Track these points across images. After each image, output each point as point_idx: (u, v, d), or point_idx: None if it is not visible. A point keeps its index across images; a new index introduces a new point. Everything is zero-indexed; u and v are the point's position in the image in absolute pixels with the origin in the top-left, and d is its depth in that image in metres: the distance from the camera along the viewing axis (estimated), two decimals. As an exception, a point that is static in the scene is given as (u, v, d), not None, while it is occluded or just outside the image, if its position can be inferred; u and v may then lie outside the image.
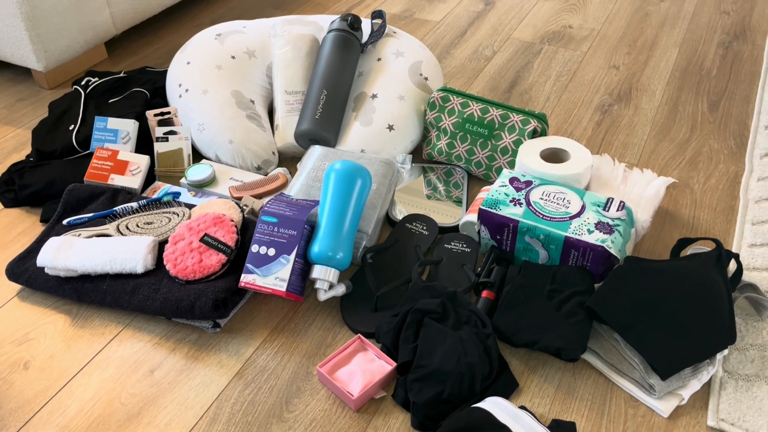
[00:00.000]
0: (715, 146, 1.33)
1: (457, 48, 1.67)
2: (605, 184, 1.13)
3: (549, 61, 1.62)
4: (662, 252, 1.09)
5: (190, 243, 1.00)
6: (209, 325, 0.97)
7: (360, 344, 0.93)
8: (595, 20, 1.79)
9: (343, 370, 0.90)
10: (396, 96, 1.26)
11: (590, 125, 1.40)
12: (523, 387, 0.90)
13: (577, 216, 0.98)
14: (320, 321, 0.99)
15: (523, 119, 1.18)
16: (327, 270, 0.96)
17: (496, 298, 0.98)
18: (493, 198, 1.02)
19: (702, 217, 1.16)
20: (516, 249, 1.02)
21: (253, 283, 0.96)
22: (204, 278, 0.98)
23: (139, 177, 1.18)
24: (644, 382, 0.85)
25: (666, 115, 1.42)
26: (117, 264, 0.99)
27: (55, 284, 1.01)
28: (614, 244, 0.94)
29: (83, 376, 0.93)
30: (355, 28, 1.32)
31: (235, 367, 0.93)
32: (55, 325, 1.00)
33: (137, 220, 1.09)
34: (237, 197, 1.15)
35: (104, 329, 0.99)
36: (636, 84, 1.53)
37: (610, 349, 0.89)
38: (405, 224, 1.11)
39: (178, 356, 0.95)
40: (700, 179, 1.25)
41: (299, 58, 1.31)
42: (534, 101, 1.47)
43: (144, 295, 0.97)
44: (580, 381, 0.90)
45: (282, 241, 0.97)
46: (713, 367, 0.86)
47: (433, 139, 1.25)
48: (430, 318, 0.91)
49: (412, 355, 0.88)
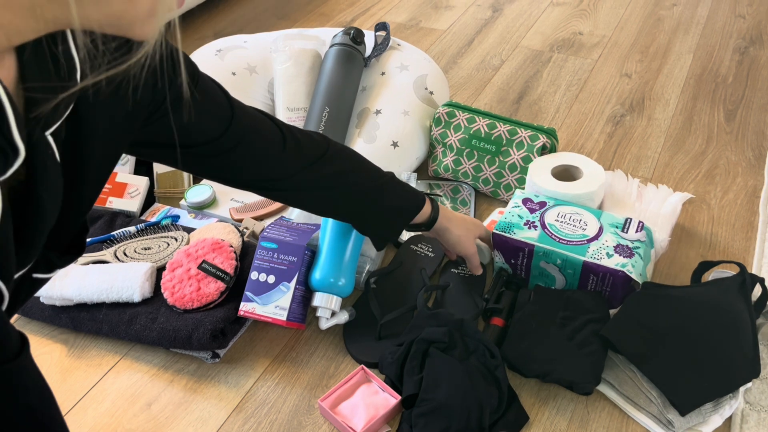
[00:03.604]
0: (732, 158, 1.28)
1: (463, 58, 1.63)
2: (619, 201, 1.09)
3: (559, 69, 1.57)
4: (678, 273, 1.04)
5: (188, 270, 0.97)
6: (208, 355, 0.94)
7: (363, 376, 0.90)
8: (606, 26, 1.75)
9: (346, 404, 0.86)
10: (400, 111, 1.22)
11: (602, 137, 1.35)
12: (533, 420, 0.86)
13: (595, 239, 0.94)
14: (323, 350, 0.96)
15: (531, 135, 1.14)
16: (329, 298, 0.93)
17: (505, 325, 0.94)
18: (506, 221, 0.98)
19: (720, 235, 1.12)
20: (531, 275, 0.98)
21: (253, 311, 0.92)
22: (202, 307, 0.95)
23: (137, 199, 1.16)
24: (662, 417, 0.81)
25: (681, 125, 1.38)
26: (114, 293, 0.96)
27: (51, 313, 0.98)
28: (635, 268, 0.90)
29: (79, 411, 0.90)
30: (357, 42, 1.29)
31: (235, 400, 0.90)
32: (51, 355, 0.97)
33: (135, 245, 1.07)
34: (237, 219, 1.12)
35: (101, 360, 0.96)
36: (649, 93, 1.48)
37: (626, 381, 0.85)
38: (410, 246, 1.07)
39: (177, 388, 0.92)
40: (717, 194, 1.20)
41: (301, 74, 1.27)
42: (543, 113, 1.43)
43: (141, 324, 0.94)
44: (594, 414, 0.86)
45: (282, 267, 0.94)
46: (736, 401, 0.81)
47: (439, 155, 1.21)
48: (436, 348, 0.87)
49: (417, 388, 0.84)
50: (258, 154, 0.78)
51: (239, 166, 0.78)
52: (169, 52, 0.65)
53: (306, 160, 0.82)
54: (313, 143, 0.83)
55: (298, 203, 0.86)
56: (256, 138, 0.77)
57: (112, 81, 0.55)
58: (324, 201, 0.86)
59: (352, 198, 0.86)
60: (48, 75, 0.47)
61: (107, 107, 0.56)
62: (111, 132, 0.58)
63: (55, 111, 0.50)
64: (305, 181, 0.82)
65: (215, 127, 0.73)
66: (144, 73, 0.47)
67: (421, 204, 0.91)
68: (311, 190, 0.84)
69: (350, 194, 0.86)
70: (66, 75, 0.48)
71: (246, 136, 0.76)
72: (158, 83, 0.64)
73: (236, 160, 0.76)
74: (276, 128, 0.80)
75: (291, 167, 0.81)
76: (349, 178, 0.85)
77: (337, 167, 0.84)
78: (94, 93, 0.54)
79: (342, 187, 0.85)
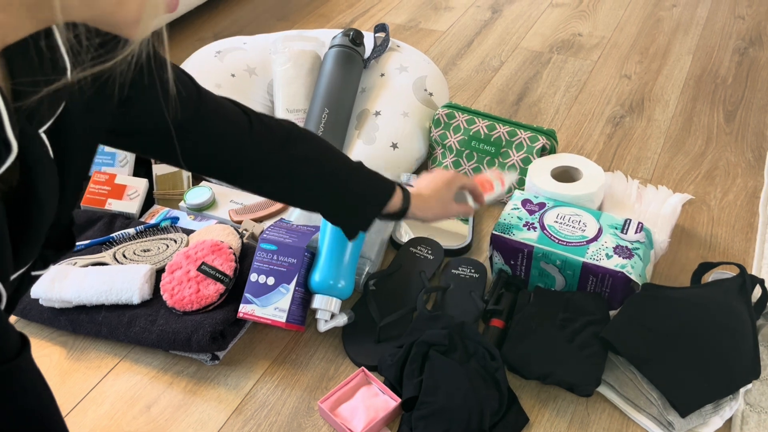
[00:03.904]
0: (732, 159, 1.28)
1: (463, 59, 1.63)
2: (619, 202, 1.09)
3: (558, 71, 1.57)
4: (678, 274, 1.04)
5: (188, 272, 0.96)
6: (208, 357, 0.94)
7: (363, 378, 0.90)
8: (606, 27, 1.75)
9: (346, 406, 0.86)
10: (400, 113, 1.22)
11: (602, 138, 1.35)
12: (533, 422, 0.86)
13: (594, 240, 0.94)
14: (322, 352, 0.96)
15: (531, 136, 1.14)
16: (328, 300, 0.93)
17: (505, 327, 0.94)
18: (505, 222, 0.98)
19: (720, 236, 1.11)
20: (531, 275, 0.98)
21: (252, 313, 0.92)
22: (201, 309, 0.95)
23: (137, 201, 1.16)
24: (662, 419, 0.81)
25: (680, 126, 1.37)
26: (113, 295, 0.96)
27: (50, 316, 0.98)
28: (634, 269, 0.90)
29: (78, 413, 0.90)
30: (357, 44, 1.28)
31: (234, 403, 0.90)
32: (50, 358, 0.97)
33: (134, 247, 1.06)
34: (237, 221, 1.12)
35: (100, 362, 0.96)
36: (649, 94, 1.48)
37: (627, 383, 0.85)
38: (409, 248, 1.07)
39: (176, 391, 0.92)
40: (717, 195, 1.20)
41: (300, 76, 1.27)
42: (543, 114, 1.43)
43: (140, 327, 0.94)
44: (594, 416, 0.86)
45: (281, 269, 0.93)
46: (736, 402, 0.81)
47: (439, 156, 1.21)
48: (436, 350, 0.87)
49: (417, 391, 0.84)
50: (224, 138, 0.77)
51: (205, 151, 0.77)
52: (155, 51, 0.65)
53: (273, 144, 0.81)
54: (279, 127, 0.83)
55: (264, 190, 0.85)
56: (222, 122, 0.77)
57: (98, 78, 0.55)
58: (291, 186, 0.84)
59: (321, 184, 0.84)
60: (35, 71, 0.47)
61: (90, 101, 0.56)
62: (91, 123, 0.58)
63: (48, 108, 0.50)
64: (273, 166, 0.81)
65: (181, 111, 0.72)
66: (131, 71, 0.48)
67: (391, 192, 0.88)
68: (279, 175, 0.82)
69: (319, 180, 0.84)
70: (51, 70, 0.48)
71: (212, 120, 0.76)
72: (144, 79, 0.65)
73: (201, 143, 0.76)
74: (241, 112, 0.80)
75: (258, 151, 0.80)
76: (318, 163, 0.84)
77: (305, 151, 0.83)
78: (80, 90, 0.54)
79: (310, 172, 0.83)
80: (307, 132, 0.86)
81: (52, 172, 0.51)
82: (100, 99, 0.58)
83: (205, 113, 0.75)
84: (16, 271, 0.52)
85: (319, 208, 0.88)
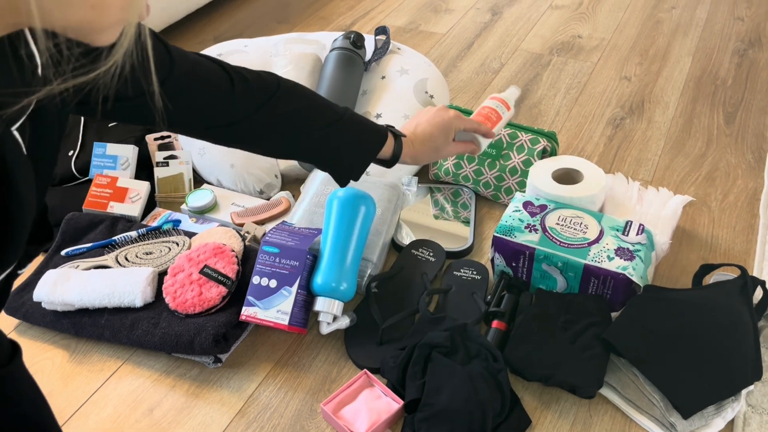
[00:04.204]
0: (732, 161, 1.28)
1: (463, 61, 1.64)
2: (620, 204, 1.09)
3: (558, 73, 1.58)
4: (679, 275, 1.05)
5: (190, 275, 0.97)
6: (210, 360, 0.94)
7: (366, 380, 0.90)
8: (605, 29, 1.75)
9: (348, 408, 0.86)
10: (401, 115, 1.22)
11: (602, 140, 1.35)
12: (536, 424, 0.86)
13: (595, 242, 0.94)
14: (325, 354, 0.96)
15: (532, 138, 1.14)
16: (331, 302, 0.93)
17: (507, 329, 0.94)
18: (507, 224, 0.99)
19: (721, 237, 1.12)
20: (533, 277, 0.99)
21: (255, 316, 0.92)
22: (204, 312, 0.95)
23: (139, 204, 1.16)
24: (665, 420, 0.81)
25: (680, 128, 1.38)
26: (115, 298, 0.96)
27: (52, 319, 0.98)
28: (636, 271, 0.90)
29: (81, 417, 0.90)
30: (358, 46, 1.29)
31: (237, 405, 0.90)
32: (53, 361, 0.97)
33: (137, 250, 1.07)
34: (239, 224, 1.12)
35: (103, 365, 0.96)
36: (649, 96, 1.48)
37: (629, 384, 0.85)
38: (411, 250, 1.07)
39: (179, 393, 0.92)
40: (718, 196, 1.20)
41: (301, 78, 1.27)
42: (543, 116, 1.43)
43: (143, 330, 0.94)
44: (597, 417, 0.86)
45: (284, 272, 0.94)
46: (738, 403, 0.81)
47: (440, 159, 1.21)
48: (438, 352, 0.87)
49: (419, 393, 0.84)
50: (206, 99, 0.76)
51: (187, 114, 0.76)
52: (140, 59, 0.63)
53: (258, 101, 0.80)
54: (262, 83, 0.81)
55: (255, 147, 0.84)
56: (201, 83, 0.76)
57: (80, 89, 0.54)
58: (282, 141, 0.84)
59: (310, 136, 0.84)
60: (10, 77, 0.46)
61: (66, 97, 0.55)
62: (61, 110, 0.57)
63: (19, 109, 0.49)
64: (260, 123, 0.80)
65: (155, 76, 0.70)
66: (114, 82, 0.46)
67: (383, 139, 0.88)
68: (267, 131, 0.82)
69: (308, 132, 0.83)
70: (30, 79, 0.47)
71: (190, 82, 0.74)
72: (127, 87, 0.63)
73: (183, 107, 0.74)
74: (222, 71, 0.78)
75: (242, 110, 0.79)
76: (305, 115, 0.83)
77: (291, 105, 0.82)
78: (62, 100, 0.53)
79: (298, 126, 0.82)
80: (292, 84, 0.84)
81: (28, 168, 0.51)
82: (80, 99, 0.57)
83: (179, 74, 0.73)
84: (2, 272, 0.52)
85: (310, 159, 0.88)
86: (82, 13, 0.40)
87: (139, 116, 0.74)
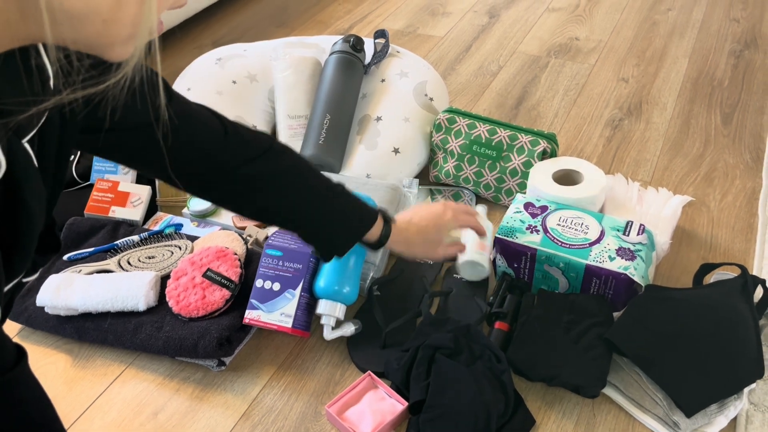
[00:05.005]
0: (730, 161, 1.29)
1: (462, 64, 1.64)
2: (620, 205, 1.10)
3: (556, 75, 1.58)
4: (679, 275, 1.05)
5: (193, 278, 0.97)
6: (214, 363, 0.94)
7: (370, 382, 0.90)
8: (602, 31, 1.76)
9: (353, 410, 0.87)
10: (401, 118, 1.23)
11: (601, 141, 1.36)
12: (540, 423, 0.86)
13: (596, 242, 0.95)
14: (328, 356, 0.96)
15: (532, 140, 1.14)
16: (333, 305, 0.93)
17: (509, 329, 0.94)
18: (508, 225, 0.99)
19: (720, 237, 1.12)
20: (534, 278, 0.99)
21: (258, 319, 0.93)
22: (207, 315, 0.95)
23: (140, 208, 1.16)
24: (668, 419, 0.81)
25: (678, 129, 1.39)
26: (118, 302, 0.96)
27: (55, 323, 0.98)
28: (637, 271, 0.91)
29: (85, 421, 0.90)
30: (357, 50, 1.29)
31: (241, 408, 0.90)
32: (56, 365, 0.97)
33: (139, 254, 1.07)
34: (241, 227, 1.13)
35: (106, 369, 0.96)
36: (646, 97, 1.49)
37: (632, 383, 0.85)
38: (413, 252, 1.07)
39: (183, 397, 0.92)
40: (717, 196, 1.21)
41: (301, 82, 1.28)
42: (542, 117, 1.44)
43: (146, 333, 0.94)
44: (600, 417, 0.86)
45: (287, 275, 0.94)
46: (740, 401, 0.82)
47: (440, 161, 1.22)
48: (442, 354, 0.87)
49: (424, 394, 0.84)
50: (194, 143, 0.74)
51: (174, 156, 0.72)
52: (149, 74, 0.63)
53: (249, 154, 0.77)
54: (256, 138, 0.79)
55: (237, 204, 0.81)
56: (194, 127, 0.74)
57: (90, 101, 0.53)
58: (268, 201, 0.80)
59: (299, 201, 0.81)
60: (21, 88, 0.46)
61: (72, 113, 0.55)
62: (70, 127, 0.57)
63: (30, 120, 0.49)
64: (246, 177, 0.78)
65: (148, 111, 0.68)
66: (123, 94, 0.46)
67: (372, 219, 0.85)
68: (254, 187, 0.79)
69: (297, 196, 0.81)
70: (39, 89, 0.47)
71: (183, 123, 0.72)
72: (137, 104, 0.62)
73: (171, 148, 0.71)
74: (216, 119, 0.77)
75: (231, 160, 0.76)
76: (297, 178, 0.80)
77: (283, 165, 0.80)
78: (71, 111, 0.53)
79: (289, 187, 0.80)
80: (287, 147, 0.82)
81: (38, 180, 0.51)
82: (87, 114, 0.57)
83: (176, 116, 0.71)
84: (9, 282, 0.52)
85: (296, 227, 0.84)
86: (93, 28, 0.40)
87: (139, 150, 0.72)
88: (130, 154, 0.72)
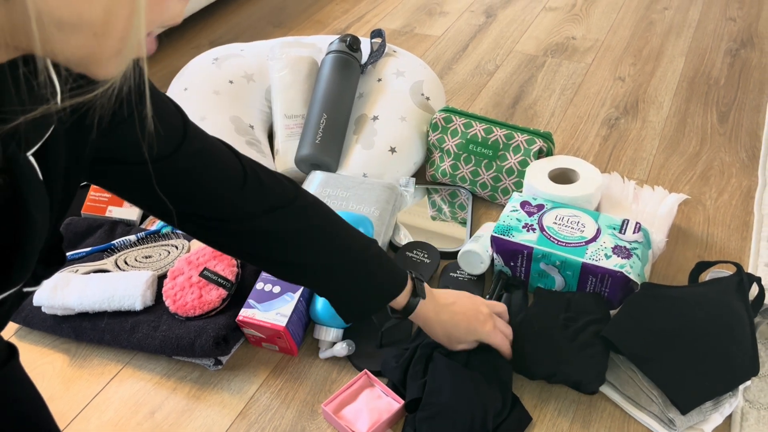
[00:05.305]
0: (726, 159, 1.29)
1: (458, 63, 1.65)
2: (617, 203, 1.10)
3: (553, 74, 1.59)
4: (675, 274, 1.05)
5: (190, 278, 0.97)
6: (211, 362, 0.94)
7: (367, 380, 0.90)
8: (599, 30, 1.76)
9: (349, 408, 0.87)
10: (398, 117, 1.23)
11: (597, 140, 1.36)
12: (535, 421, 0.86)
13: (593, 240, 0.95)
14: (325, 355, 0.96)
15: (528, 139, 1.15)
16: (328, 330, 0.94)
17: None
18: (504, 224, 0.99)
19: (716, 235, 1.13)
20: (531, 276, 0.99)
21: (252, 317, 0.93)
22: (204, 314, 0.95)
23: (137, 208, 1.16)
24: (663, 417, 0.82)
25: (675, 127, 1.39)
26: (115, 301, 0.96)
27: (52, 323, 0.98)
28: (633, 269, 0.91)
29: (82, 420, 0.90)
30: (354, 49, 1.30)
31: (238, 407, 0.90)
32: (53, 365, 0.97)
33: (136, 253, 1.07)
34: (237, 226, 1.13)
35: (103, 369, 0.96)
36: (643, 96, 1.49)
37: (627, 381, 0.86)
38: (405, 253, 1.07)
39: (180, 396, 0.92)
40: (713, 195, 1.21)
41: (298, 81, 1.28)
42: (539, 116, 1.44)
43: (143, 333, 0.94)
44: (596, 414, 0.87)
45: (286, 276, 0.94)
46: (735, 399, 0.82)
47: (437, 160, 1.22)
48: (440, 352, 0.88)
49: (420, 392, 0.85)
50: (207, 184, 0.67)
51: (185, 196, 0.67)
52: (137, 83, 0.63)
53: (268, 204, 0.71)
54: (280, 188, 0.72)
55: (253, 256, 0.74)
56: (211, 167, 0.67)
57: (77, 109, 0.52)
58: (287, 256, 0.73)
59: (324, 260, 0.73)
60: (8, 95, 0.46)
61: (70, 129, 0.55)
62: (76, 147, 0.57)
63: (35, 132, 0.49)
64: (262, 230, 0.71)
65: (162, 146, 0.63)
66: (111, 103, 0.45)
67: (403, 284, 0.78)
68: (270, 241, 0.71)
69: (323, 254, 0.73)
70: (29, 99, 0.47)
71: (198, 162, 0.66)
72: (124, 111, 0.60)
73: (179, 186, 0.66)
74: (237, 162, 0.70)
75: (248, 208, 0.70)
76: (319, 238, 0.73)
77: (304, 221, 0.72)
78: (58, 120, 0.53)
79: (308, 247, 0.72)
80: (314, 200, 0.75)
81: (42, 193, 0.51)
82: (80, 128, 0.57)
83: (188, 151, 0.66)
84: (7, 290, 0.52)
85: (318, 287, 0.78)
86: (83, 40, 0.40)
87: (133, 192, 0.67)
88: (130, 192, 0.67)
